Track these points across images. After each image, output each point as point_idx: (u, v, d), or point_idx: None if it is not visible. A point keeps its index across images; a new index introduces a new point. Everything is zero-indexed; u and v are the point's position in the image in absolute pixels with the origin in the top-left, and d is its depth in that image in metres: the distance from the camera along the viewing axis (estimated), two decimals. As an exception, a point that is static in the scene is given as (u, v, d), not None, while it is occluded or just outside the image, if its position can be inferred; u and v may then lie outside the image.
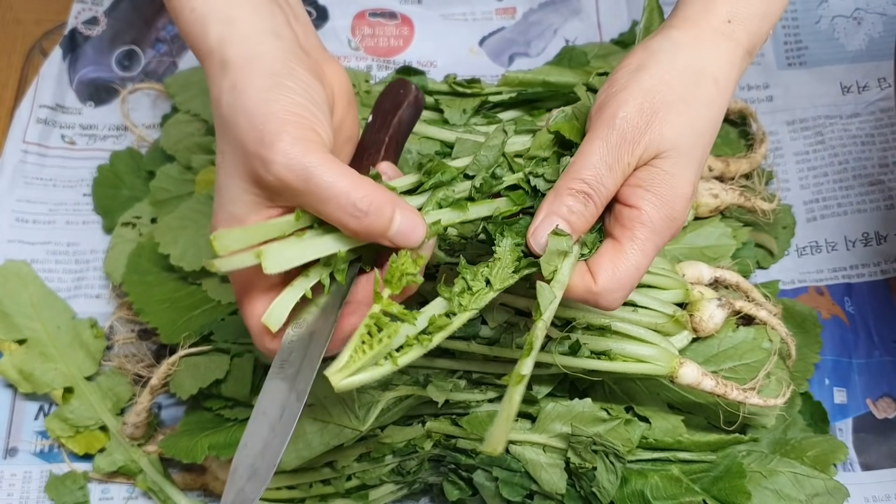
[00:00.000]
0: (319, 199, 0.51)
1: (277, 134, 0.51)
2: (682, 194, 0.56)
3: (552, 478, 0.72)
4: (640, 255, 0.56)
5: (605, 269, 0.56)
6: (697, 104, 0.57)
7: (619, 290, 0.56)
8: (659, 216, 0.56)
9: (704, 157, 0.58)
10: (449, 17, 1.07)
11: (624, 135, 0.55)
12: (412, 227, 0.55)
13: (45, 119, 0.99)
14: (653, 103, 0.56)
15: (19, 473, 0.85)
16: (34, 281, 0.89)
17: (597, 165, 0.55)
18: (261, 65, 0.53)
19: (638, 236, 0.56)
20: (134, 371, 0.85)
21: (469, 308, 0.56)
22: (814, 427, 0.79)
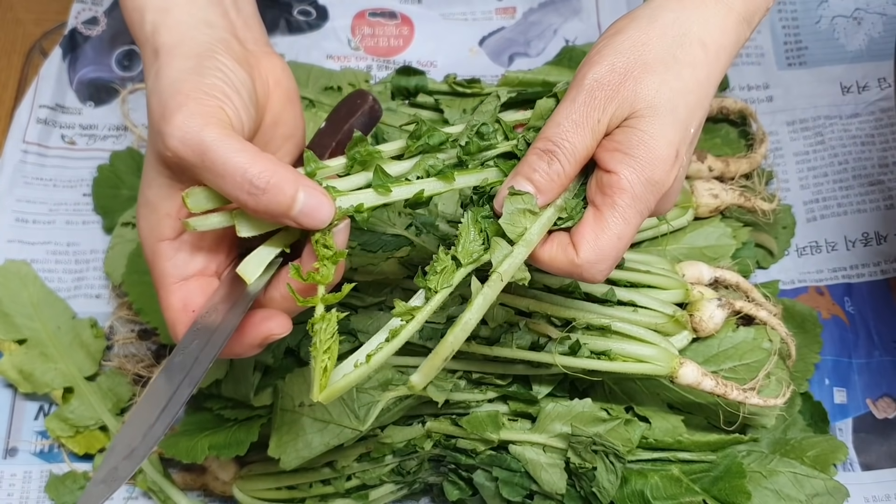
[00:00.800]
0: (216, 175, 0.49)
1: (177, 108, 0.50)
2: (662, 156, 0.54)
3: (552, 478, 0.72)
4: (622, 224, 0.54)
5: (587, 240, 0.54)
6: (678, 64, 0.55)
7: (602, 262, 0.54)
8: (638, 180, 0.53)
9: (689, 120, 0.56)
10: (449, 16, 1.07)
11: (592, 92, 0.53)
12: (317, 205, 0.51)
13: (44, 119, 0.99)
14: (626, 62, 0.54)
15: (19, 473, 0.85)
16: (34, 281, 0.89)
17: (560, 123, 0.54)
18: (184, 49, 0.54)
19: (618, 203, 0.53)
20: (134, 371, 0.85)
21: (439, 288, 0.53)
22: (814, 427, 0.79)
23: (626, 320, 0.71)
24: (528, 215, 0.53)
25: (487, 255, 0.54)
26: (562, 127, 0.54)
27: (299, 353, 0.76)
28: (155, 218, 0.54)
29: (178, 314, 0.54)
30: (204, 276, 0.56)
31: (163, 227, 0.54)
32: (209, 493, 0.83)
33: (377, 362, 0.52)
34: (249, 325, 0.54)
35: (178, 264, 0.55)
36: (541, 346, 0.70)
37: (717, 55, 0.56)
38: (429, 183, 0.56)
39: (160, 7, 0.56)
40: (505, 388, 0.74)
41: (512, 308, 0.72)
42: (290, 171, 0.51)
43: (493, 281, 0.52)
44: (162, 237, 0.54)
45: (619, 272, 0.73)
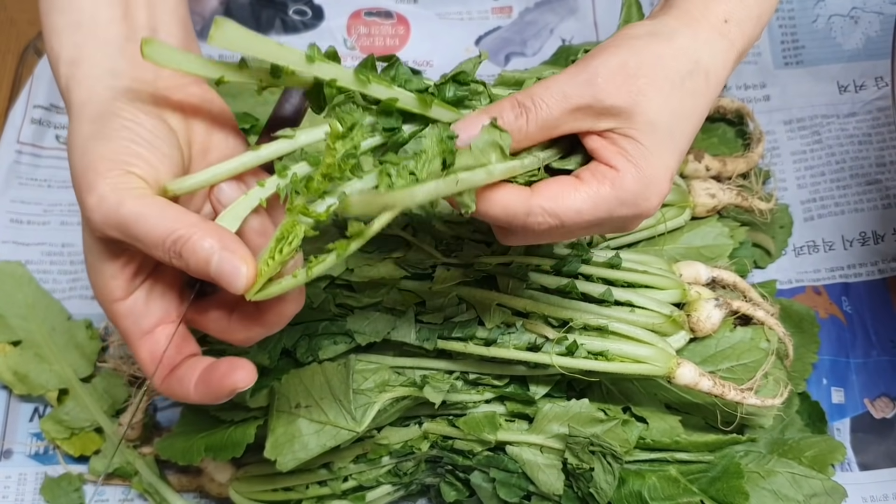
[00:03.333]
0: (144, 245, 0.49)
1: (90, 188, 0.49)
2: (660, 178, 0.53)
3: (549, 478, 0.72)
4: (590, 204, 0.52)
5: (549, 189, 0.52)
6: (684, 91, 0.54)
7: (550, 217, 0.52)
8: (633, 188, 0.52)
9: (682, 149, 0.55)
10: (445, 16, 1.06)
11: (595, 76, 0.52)
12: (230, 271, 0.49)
13: (39, 119, 0.98)
14: (638, 66, 0.53)
15: (14, 475, 0.85)
16: (29, 282, 0.89)
17: (549, 87, 0.52)
18: (89, 110, 0.52)
19: (602, 191, 0.52)
20: (129, 372, 0.85)
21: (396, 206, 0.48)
22: (811, 427, 0.79)
23: (623, 320, 0.70)
24: (497, 151, 0.51)
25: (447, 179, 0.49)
26: (549, 91, 0.52)
27: (296, 354, 0.76)
28: (102, 281, 0.52)
29: (150, 366, 0.54)
30: (166, 322, 0.55)
31: (112, 290, 0.52)
32: (205, 494, 0.83)
33: (318, 272, 0.48)
34: (216, 377, 0.53)
35: (138, 320, 0.53)
36: (538, 346, 0.70)
37: (716, 87, 0.56)
38: (405, 94, 0.54)
39: (71, 60, 0.54)
40: (502, 388, 0.74)
41: (509, 309, 0.72)
42: (209, 236, 0.49)
43: (449, 180, 0.49)
44: (114, 299, 0.53)
45: (616, 272, 0.73)
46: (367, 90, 0.53)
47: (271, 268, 0.49)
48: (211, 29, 0.48)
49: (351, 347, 0.75)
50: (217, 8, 1.06)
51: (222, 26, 0.48)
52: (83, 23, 0.54)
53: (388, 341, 0.73)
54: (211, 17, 1.06)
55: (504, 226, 0.54)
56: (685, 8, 0.57)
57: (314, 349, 0.75)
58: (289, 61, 0.50)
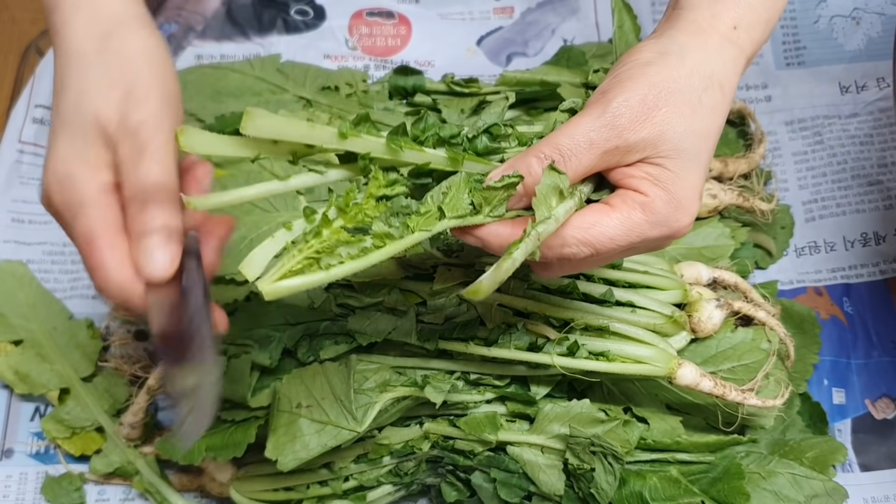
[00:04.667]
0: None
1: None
2: (690, 198, 0.54)
3: (550, 479, 0.72)
4: (622, 230, 0.53)
5: (581, 220, 0.53)
6: (703, 109, 0.55)
7: (584, 246, 0.53)
8: (664, 211, 0.53)
9: (707, 164, 0.56)
10: (447, 16, 1.06)
11: (618, 117, 0.52)
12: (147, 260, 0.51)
13: (40, 119, 0.98)
14: (657, 97, 0.53)
15: (15, 475, 0.85)
16: (30, 281, 0.89)
17: (575, 135, 0.52)
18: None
19: (633, 216, 0.53)
20: (130, 372, 0.85)
21: (416, 229, 0.51)
22: (812, 428, 0.79)
23: (624, 321, 0.70)
24: (558, 195, 0.52)
25: (474, 218, 0.53)
26: (575, 140, 0.52)
27: (297, 354, 0.76)
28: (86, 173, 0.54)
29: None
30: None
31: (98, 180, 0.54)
32: (206, 494, 0.83)
33: (336, 275, 0.50)
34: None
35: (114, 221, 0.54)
36: (539, 347, 0.70)
37: (730, 95, 0.57)
38: (436, 156, 0.55)
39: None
40: (503, 388, 0.74)
41: (510, 309, 0.72)
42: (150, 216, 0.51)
43: (531, 238, 0.51)
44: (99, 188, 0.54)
45: (617, 272, 0.73)
46: (401, 157, 0.54)
47: (291, 264, 0.50)
48: (243, 120, 0.49)
49: (352, 347, 0.75)
50: (218, 8, 1.06)
51: (253, 117, 0.49)
52: None
53: (389, 341, 0.73)
54: (212, 16, 1.06)
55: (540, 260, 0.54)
56: (692, 18, 0.57)
57: (315, 349, 0.75)
58: (322, 140, 0.51)
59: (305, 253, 0.50)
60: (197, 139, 0.50)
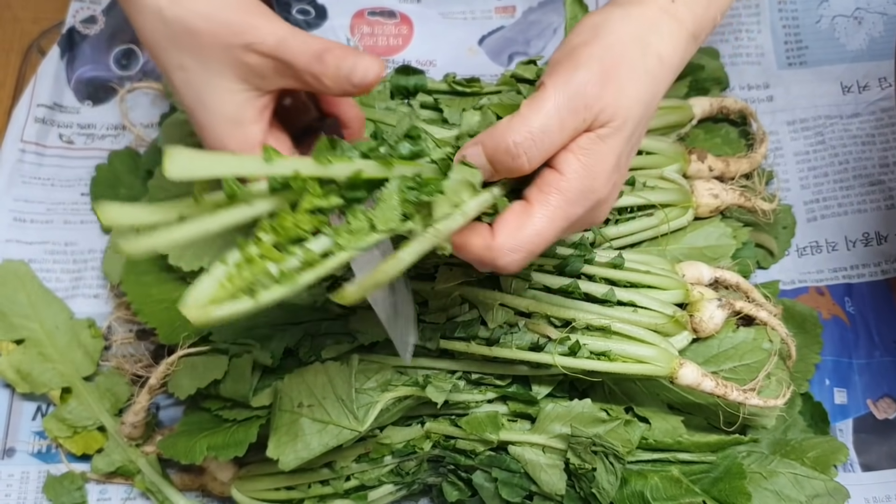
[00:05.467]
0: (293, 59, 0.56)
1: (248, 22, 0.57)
2: (606, 168, 0.54)
3: (552, 479, 0.72)
4: (546, 222, 0.54)
5: (508, 227, 0.54)
6: (645, 75, 0.55)
7: (517, 252, 0.54)
8: (578, 186, 0.54)
9: (636, 130, 0.56)
10: (448, 15, 1.06)
11: (581, 91, 0.53)
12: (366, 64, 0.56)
13: (42, 118, 0.98)
14: (613, 61, 0.54)
15: (17, 474, 0.85)
16: (32, 281, 0.89)
17: (549, 114, 0.53)
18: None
19: (550, 202, 0.54)
20: (132, 371, 0.85)
21: (347, 248, 0.51)
22: (814, 428, 0.79)
23: (625, 321, 0.70)
24: (469, 189, 0.53)
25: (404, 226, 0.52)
26: (548, 121, 0.53)
27: (298, 354, 0.76)
28: (241, 133, 0.60)
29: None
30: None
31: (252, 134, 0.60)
32: (207, 493, 0.83)
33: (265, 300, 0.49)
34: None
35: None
36: (540, 346, 0.70)
37: (670, 69, 0.57)
38: (367, 164, 0.54)
39: None
40: (504, 388, 0.74)
41: (511, 309, 0.72)
42: (347, 47, 0.57)
43: (428, 235, 0.51)
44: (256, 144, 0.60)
45: (619, 272, 0.73)
46: (331, 173, 0.53)
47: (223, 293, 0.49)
48: (163, 163, 0.47)
49: (353, 347, 0.75)
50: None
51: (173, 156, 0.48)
52: None
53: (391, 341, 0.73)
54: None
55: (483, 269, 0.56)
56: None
57: (317, 349, 0.75)
58: (248, 171, 0.51)
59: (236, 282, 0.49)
60: (188, 162, 0.48)
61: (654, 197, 0.79)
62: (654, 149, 0.83)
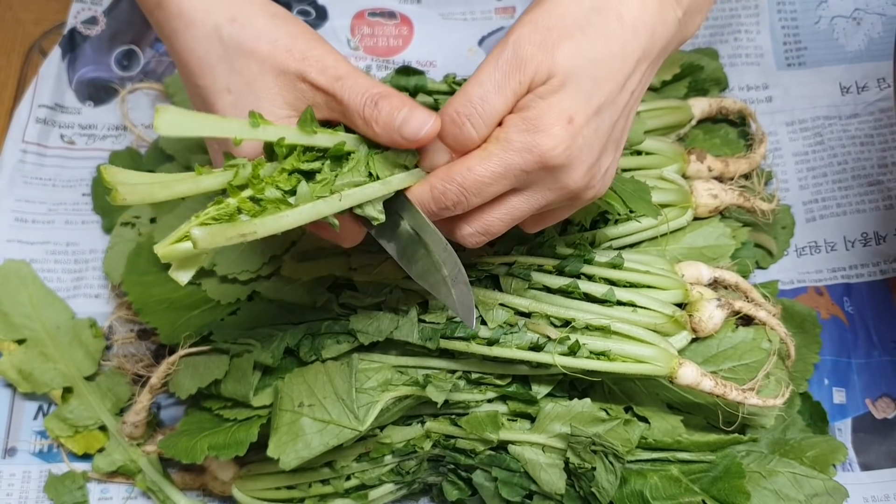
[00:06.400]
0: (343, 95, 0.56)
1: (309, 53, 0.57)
2: (550, 122, 0.54)
3: (551, 478, 0.72)
4: (478, 161, 0.54)
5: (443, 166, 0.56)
6: (594, 33, 0.54)
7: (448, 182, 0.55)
8: (518, 138, 0.54)
9: (593, 91, 0.55)
10: (448, 16, 1.07)
11: (515, 52, 0.54)
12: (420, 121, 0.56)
13: (44, 119, 0.99)
14: (547, 24, 0.54)
15: (18, 473, 0.85)
16: (33, 281, 0.89)
17: (483, 82, 0.54)
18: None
19: (488, 148, 0.55)
20: (133, 371, 0.85)
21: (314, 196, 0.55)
22: (813, 427, 0.79)
23: (625, 321, 0.71)
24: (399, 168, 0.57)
25: (370, 185, 0.56)
26: (484, 87, 0.54)
27: (299, 354, 0.76)
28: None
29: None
30: None
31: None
32: (208, 492, 0.83)
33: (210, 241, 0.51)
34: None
35: None
36: (540, 346, 0.70)
37: (635, 30, 0.56)
38: (350, 138, 0.57)
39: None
40: (504, 388, 0.74)
41: (511, 308, 0.72)
42: (402, 95, 0.56)
43: (332, 199, 0.55)
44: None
45: (618, 272, 0.74)
46: (314, 141, 0.56)
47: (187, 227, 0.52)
48: (154, 119, 0.50)
49: (354, 347, 0.75)
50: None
51: (163, 114, 0.50)
52: None
53: (391, 340, 0.74)
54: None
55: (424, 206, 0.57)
56: None
57: (317, 348, 0.75)
58: (234, 132, 0.53)
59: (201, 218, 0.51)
60: (176, 119, 0.51)
61: (654, 197, 0.79)
62: (654, 149, 0.84)
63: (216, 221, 0.52)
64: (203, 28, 0.58)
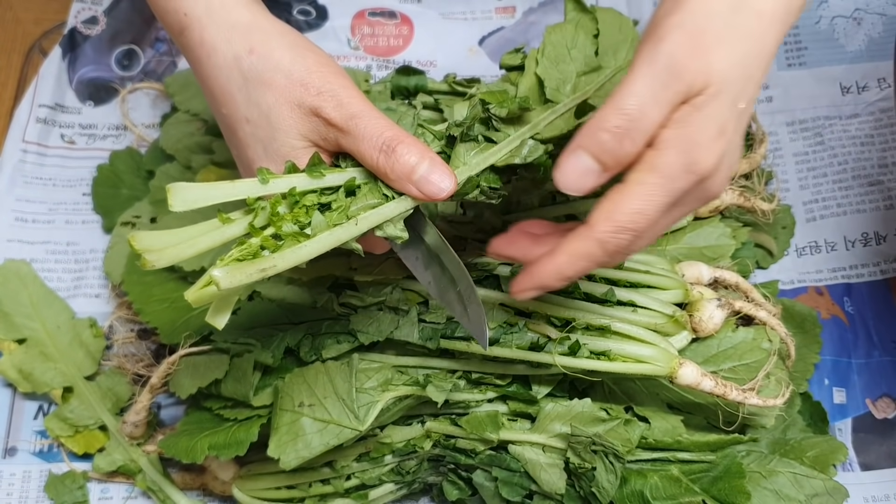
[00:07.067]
0: (357, 137, 0.57)
1: (325, 88, 0.57)
2: (706, 138, 0.50)
3: (552, 478, 0.72)
4: (644, 201, 0.50)
5: (602, 210, 0.51)
6: (739, 33, 0.51)
7: (619, 233, 0.51)
8: (676, 159, 0.50)
9: (739, 95, 0.52)
10: (448, 16, 1.07)
11: (672, 59, 0.49)
12: (438, 178, 0.56)
13: (44, 118, 0.99)
14: (697, 27, 0.50)
15: (18, 473, 0.85)
16: (34, 280, 0.89)
17: (640, 93, 0.49)
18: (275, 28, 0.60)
19: (646, 180, 0.50)
20: (133, 371, 0.85)
21: (331, 224, 0.56)
22: (813, 427, 0.79)
23: (625, 320, 0.71)
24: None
25: (385, 207, 0.57)
26: (641, 99, 0.49)
27: (299, 353, 0.76)
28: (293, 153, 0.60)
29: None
30: None
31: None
32: (208, 492, 0.83)
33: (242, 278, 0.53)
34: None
35: None
36: (540, 346, 0.70)
37: (772, 24, 0.52)
38: (359, 172, 0.58)
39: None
40: (504, 388, 0.74)
41: (511, 308, 0.72)
42: (419, 143, 0.57)
43: (349, 224, 0.56)
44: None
45: (618, 272, 0.74)
46: (325, 183, 0.58)
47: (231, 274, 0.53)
48: (168, 199, 0.53)
49: (354, 346, 0.75)
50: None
51: (176, 191, 0.53)
52: None
53: (391, 340, 0.74)
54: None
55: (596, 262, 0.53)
56: None
57: (318, 348, 0.75)
58: (246, 193, 0.55)
59: (225, 261, 0.53)
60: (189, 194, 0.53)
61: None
62: (654, 149, 0.84)
63: (239, 262, 0.53)
64: (224, 58, 0.59)
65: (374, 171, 0.58)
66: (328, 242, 0.55)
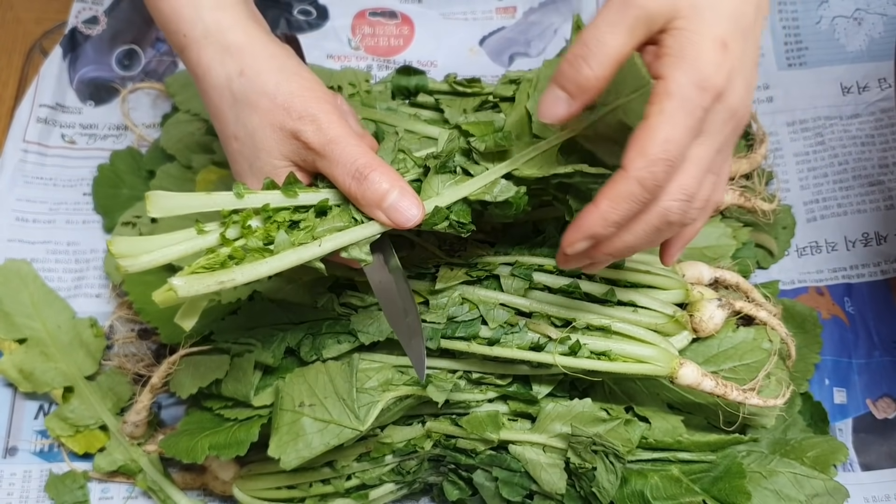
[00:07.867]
0: (332, 162, 0.60)
1: (307, 113, 0.60)
2: (710, 52, 0.50)
3: (552, 478, 0.72)
4: (669, 127, 0.50)
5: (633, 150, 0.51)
6: None
7: (653, 165, 0.50)
8: (684, 80, 0.50)
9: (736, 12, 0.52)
10: (449, 16, 1.07)
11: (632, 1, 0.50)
12: (406, 206, 0.60)
13: (45, 118, 0.99)
14: None
15: (19, 472, 0.85)
16: (34, 280, 0.89)
17: (597, 23, 0.52)
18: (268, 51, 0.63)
19: (666, 108, 0.50)
20: (134, 370, 0.85)
21: (296, 243, 0.59)
22: (813, 427, 0.79)
23: (626, 320, 0.71)
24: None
25: (348, 232, 0.61)
26: (597, 28, 0.52)
27: (300, 353, 0.76)
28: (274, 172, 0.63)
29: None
30: None
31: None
32: (209, 492, 0.83)
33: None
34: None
35: None
36: (541, 346, 0.70)
37: None
38: (333, 193, 0.62)
39: (216, 4, 0.64)
40: (505, 388, 0.74)
41: (512, 308, 0.72)
42: (391, 172, 0.60)
43: (312, 245, 0.59)
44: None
45: (619, 272, 0.74)
46: (297, 202, 0.61)
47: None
48: (146, 205, 0.56)
49: (354, 346, 0.75)
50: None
51: (153, 199, 0.56)
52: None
53: (392, 340, 0.74)
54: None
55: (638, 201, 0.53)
56: None
57: (318, 348, 0.75)
58: (221, 205, 0.58)
59: (192, 268, 0.57)
60: (166, 202, 0.56)
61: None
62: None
63: (206, 270, 0.56)
64: (217, 78, 0.62)
65: (346, 195, 0.61)
66: (290, 261, 0.58)
